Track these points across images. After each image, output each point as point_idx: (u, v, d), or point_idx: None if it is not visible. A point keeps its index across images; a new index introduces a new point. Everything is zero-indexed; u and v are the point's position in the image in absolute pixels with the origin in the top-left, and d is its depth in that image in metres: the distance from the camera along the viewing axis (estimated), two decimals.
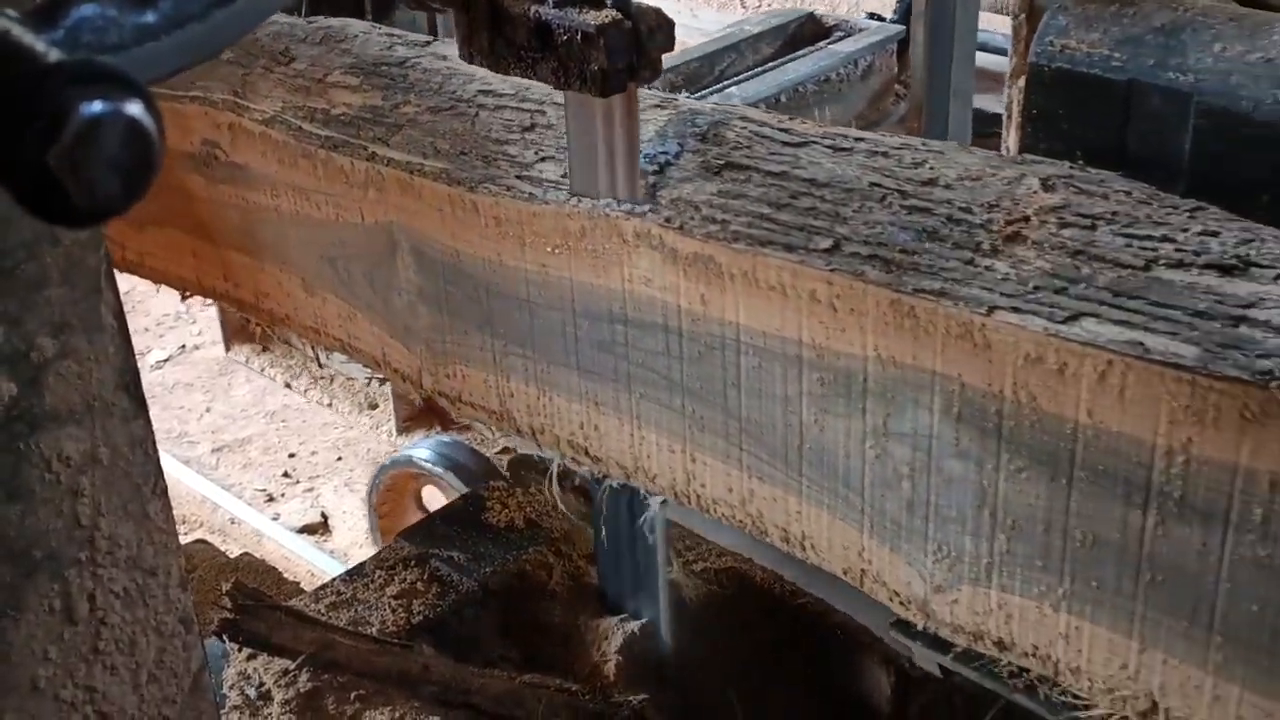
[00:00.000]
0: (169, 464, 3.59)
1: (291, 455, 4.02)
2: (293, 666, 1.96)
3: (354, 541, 3.64)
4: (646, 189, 1.39)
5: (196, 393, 4.27)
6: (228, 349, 4.11)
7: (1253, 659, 1.18)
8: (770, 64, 2.91)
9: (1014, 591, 1.33)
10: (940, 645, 1.49)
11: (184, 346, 4.48)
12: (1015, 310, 1.20)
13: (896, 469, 1.36)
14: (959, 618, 1.38)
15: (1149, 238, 1.24)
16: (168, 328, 4.41)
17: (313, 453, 4.03)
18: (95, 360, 1.00)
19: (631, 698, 2.02)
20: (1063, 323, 1.18)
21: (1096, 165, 1.41)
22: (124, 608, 1.07)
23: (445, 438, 2.81)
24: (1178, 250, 1.22)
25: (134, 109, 0.56)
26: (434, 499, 2.76)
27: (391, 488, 2.82)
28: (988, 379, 1.24)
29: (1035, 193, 1.32)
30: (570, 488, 2.36)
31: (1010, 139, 1.73)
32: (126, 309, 1.04)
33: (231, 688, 1.95)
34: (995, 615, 1.35)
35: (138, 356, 1.08)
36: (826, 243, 1.32)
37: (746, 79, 2.82)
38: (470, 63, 1.48)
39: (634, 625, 2.09)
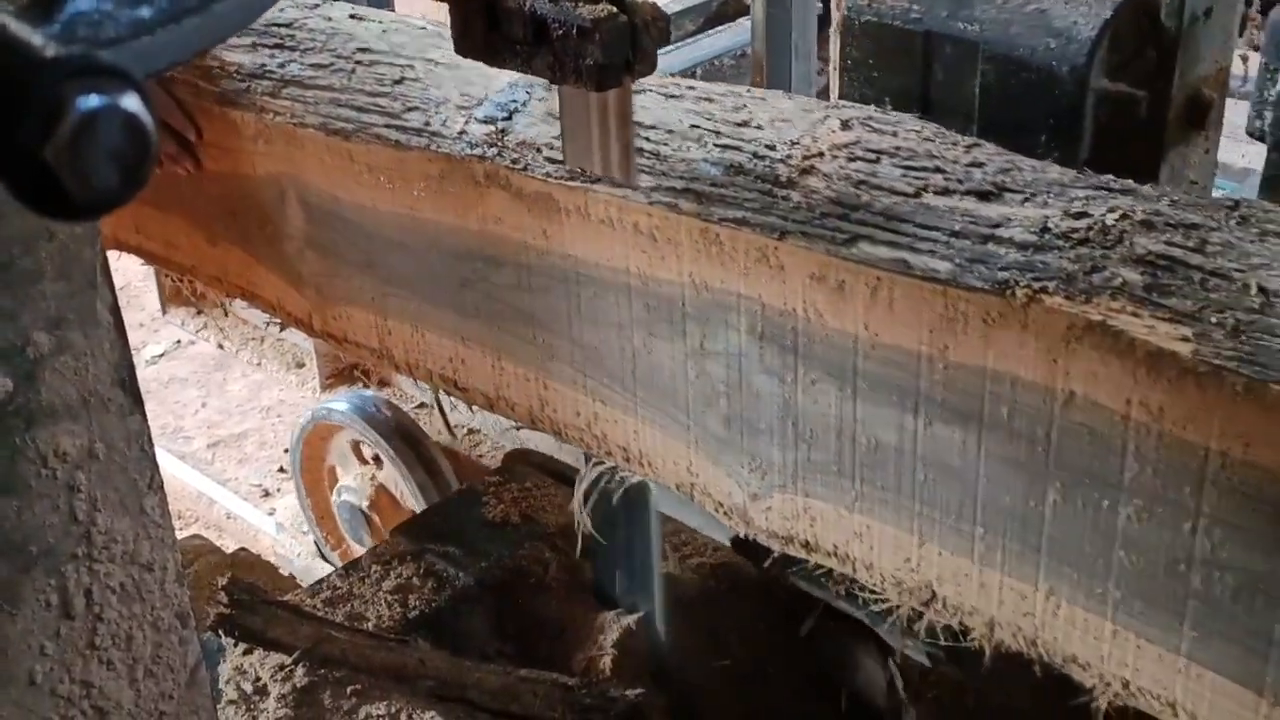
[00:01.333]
0: (165, 459, 3.59)
1: (287, 450, 4.02)
2: (289, 661, 1.96)
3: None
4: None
5: (192, 388, 4.26)
6: (164, 312, 4.12)
7: (1009, 547, 1.31)
8: (688, 39, 2.89)
9: (816, 496, 1.45)
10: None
11: (179, 342, 4.48)
12: (803, 235, 1.33)
13: (714, 387, 1.48)
14: (773, 524, 1.51)
15: (923, 169, 1.37)
16: (164, 322, 4.40)
17: None
18: (91, 355, 1.00)
19: (627, 692, 2.02)
20: (842, 245, 1.31)
21: (902, 110, 1.53)
22: (120, 603, 1.07)
23: (366, 392, 2.87)
24: (945, 179, 1.35)
25: (130, 103, 0.56)
26: (351, 451, 2.83)
27: (311, 441, 2.87)
28: (783, 299, 1.37)
29: (833, 131, 1.45)
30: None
31: (833, 87, 1.85)
32: (122, 304, 1.04)
33: (228, 683, 1.95)
34: (802, 519, 1.48)
35: (133, 351, 1.08)
36: (645, 179, 1.44)
37: (664, 53, 2.78)
38: (465, 57, 1.49)
39: (629, 619, 2.09)
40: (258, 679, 1.95)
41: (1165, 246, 1.21)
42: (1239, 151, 3.49)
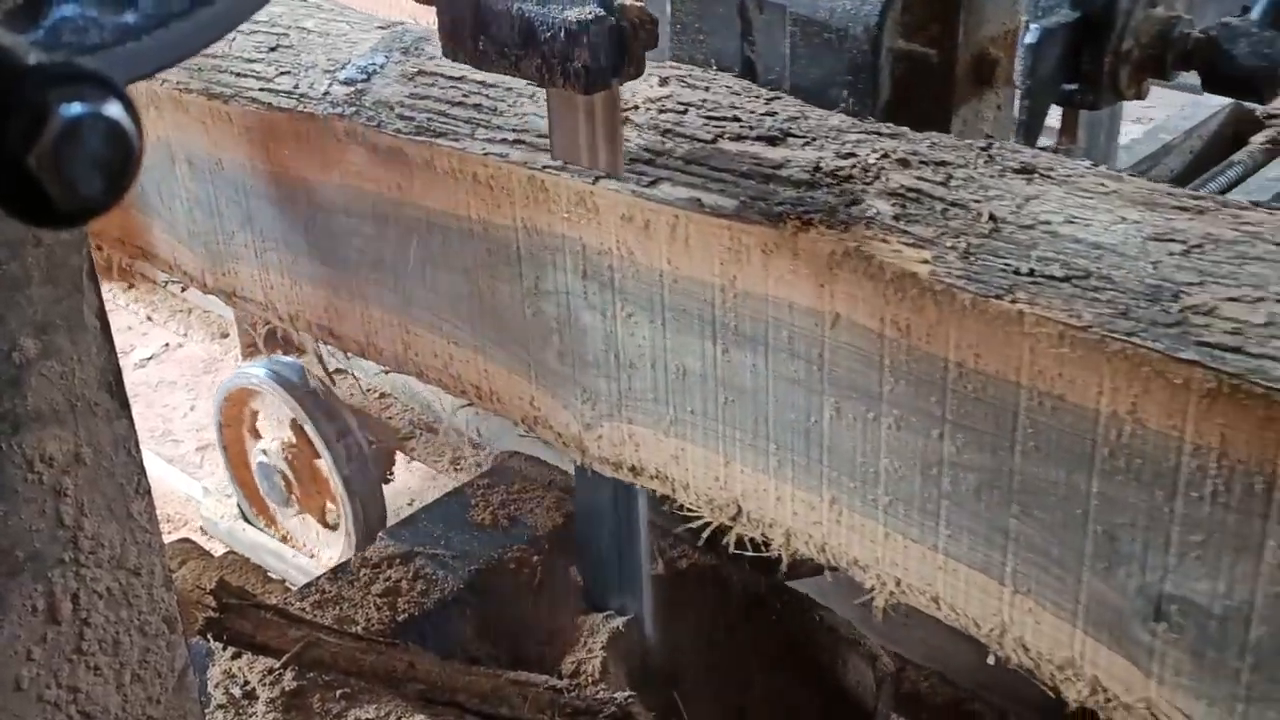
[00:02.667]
0: (153, 463, 3.58)
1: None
2: (278, 665, 1.95)
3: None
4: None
5: (180, 391, 4.25)
6: None
7: (796, 461, 1.44)
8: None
9: (637, 423, 1.58)
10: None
11: (167, 345, 4.46)
12: (614, 178, 1.47)
13: (548, 324, 1.62)
14: (604, 451, 1.65)
15: (723, 118, 1.51)
16: (152, 325, 4.39)
17: None
18: (78, 360, 1.00)
19: (616, 694, 2.02)
20: (646, 187, 1.44)
21: (727, 71, 1.70)
22: (108, 608, 1.06)
23: (282, 358, 2.97)
24: (740, 127, 1.50)
25: (113, 110, 0.56)
26: (267, 415, 2.93)
27: (230, 406, 2.97)
28: (600, 239, 1.51)
29: (651, 87, 1.59)
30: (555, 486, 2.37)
31: (666, 49, 1.97)
32: (109, 308, 1.03)
33: (216, 686, 1.95)
34: (628, 445, 1.61)
35: (120, 355, 1.07)
36: (484, 132, 1.59)
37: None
38: (454, 60, 1.49)
39: (618, 622, 2.09)
40: (246, 683, 1.95)
41: (916, 181, 1.37)
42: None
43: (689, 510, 1.58)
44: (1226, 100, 2.65)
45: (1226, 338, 1.11)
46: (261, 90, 1.83)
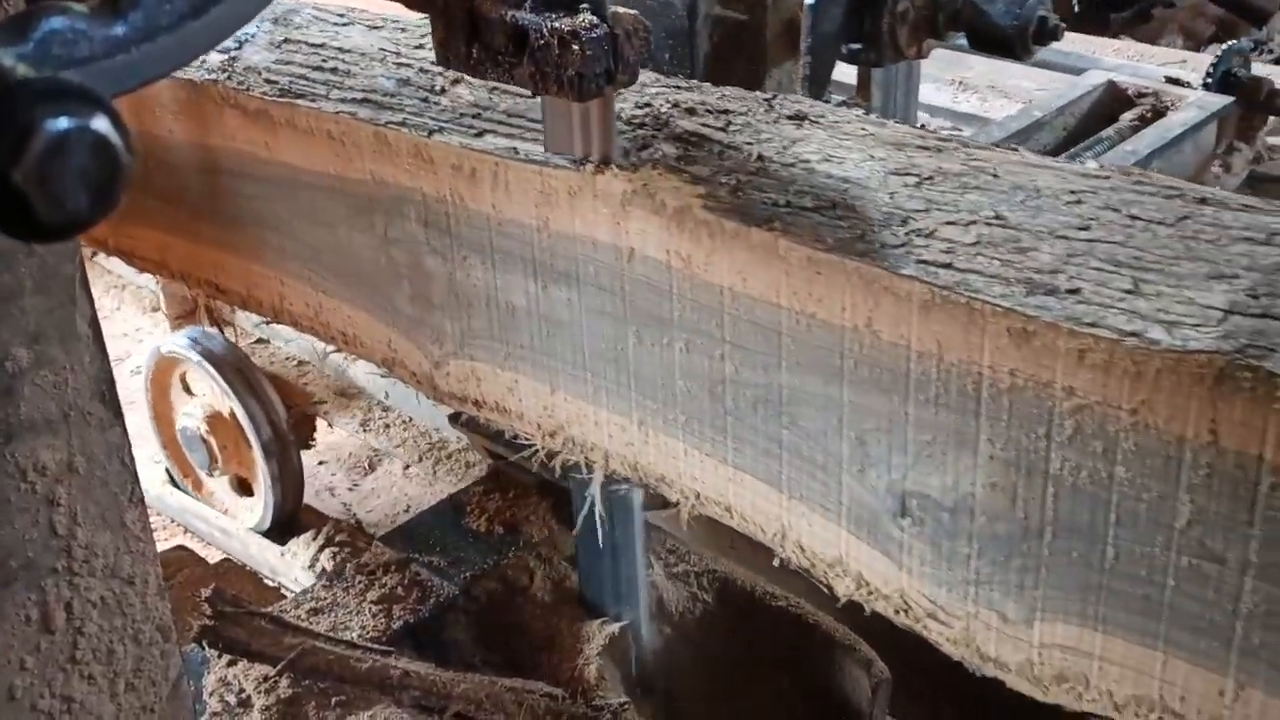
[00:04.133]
0: (147, 471, 3.58)
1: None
2: (273, 673, 1.95)
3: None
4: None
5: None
6: None
7: (609, 387, 1.58)
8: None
9: (478, 359, 1.70)
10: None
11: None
12: (443, 131, 1.58)
13: (399, 270, 1.73)
14: (452, 387, 1.77)
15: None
16: (146, 333, 4.38)
17: None
18: (71, 369, 1.00)
19: (612, 701, 2.02)
20: (473, 138, 1.56)
21: None
22: (101, 616, 1.07)
23: (206, 329, 3.13)
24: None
25: (100, 124, 0.56)
26: (191, 383, 3.07)
27: (156, 375, 3.10)
28: (435, 187, 1.62)
29: None
30: (547, 488, 2.37)
31: None
32: (101, 317, 1.04)
33: (212, 694, 1.95)
34: (471, 380, 1.74)
35: (115, 362, 1.07)
36: (337, 93, 1.70)
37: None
38: (446, 67, 1.49)
39: (614, 628, 2.09)
40: (242, 690, 1.95)
41: (699, 126, 1.52)
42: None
43: (523, 438, 1.74)
44: (1102, 79, 2.83)
45: (940, 255, 1.26)
46: None
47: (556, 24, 1.38)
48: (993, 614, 1.34)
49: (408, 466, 3.42)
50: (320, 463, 3.52)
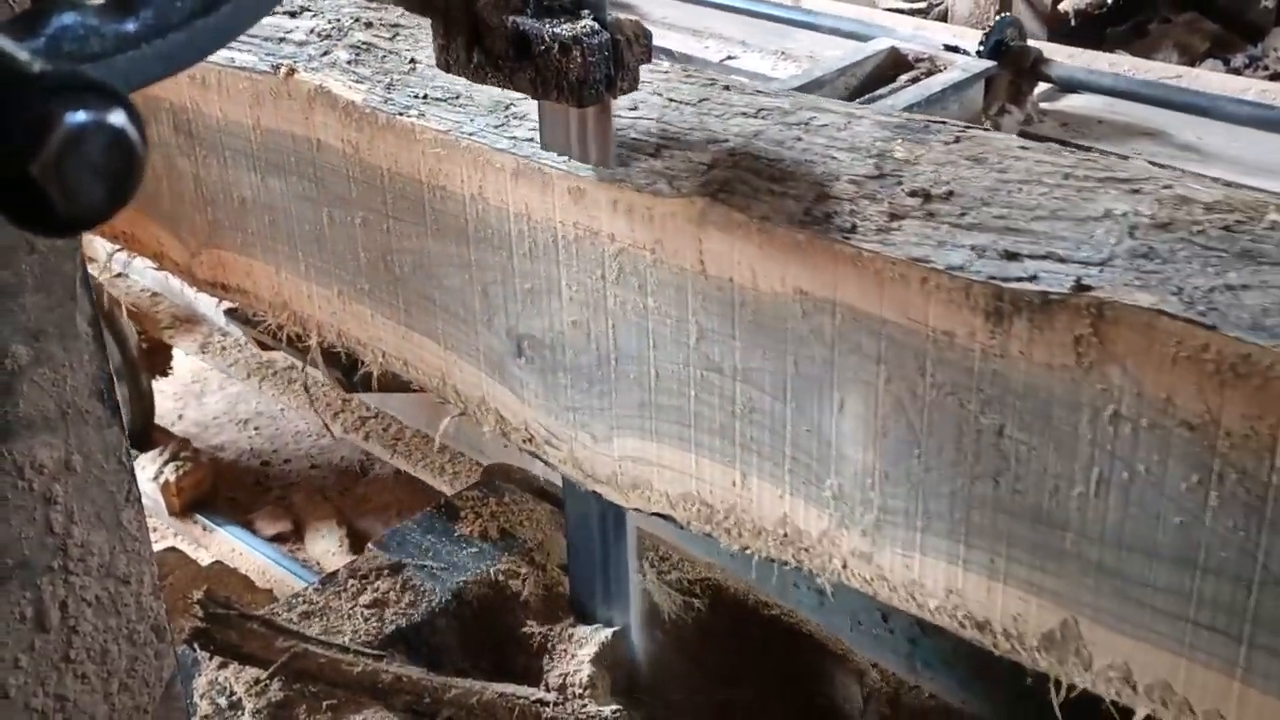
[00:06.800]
0: (142, 471, 3.57)
1: (264, 464, 4.01)
2: (264, 676, 1.95)
3: (326, 550, 3.62)
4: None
5: (169, 400, 4.24)
6: None
7: (314, 263, 1.84)
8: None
9: (224, 247, 1.97)
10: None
11: None
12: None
13: (157, 172, 1.98)
14: (205, 274, 2.05)
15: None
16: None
17: (285, 461, 4.01)
18: (70, 367, 1.00)
19: (604, 707, 2.02)
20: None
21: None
22: (96, 616, 1.06)
23: None
24: (280, 9, 1.87)
25: (117, 118, 0.56)
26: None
27: None
28: (179, 97, 1.91)
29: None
30: (541, 493, 2.37)
31: None
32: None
33: (203, 697, 1.94)
34: (218, 267, 1.99)
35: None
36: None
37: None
38: (447, 72, 1.49)
39: (606, 634, 2.09)
40: (233, 693, 1.94)
41: (372, 37, 1.80)
42: None
43: (258, 317, 2.01)
44: (886, 45, 3.07)
45: (531, 133, 1.53)
46: None
47: (558, 30, 1.39)
48: (586, 435, 1.61)
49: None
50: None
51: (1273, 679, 1.14)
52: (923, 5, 3.28)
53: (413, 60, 1.74)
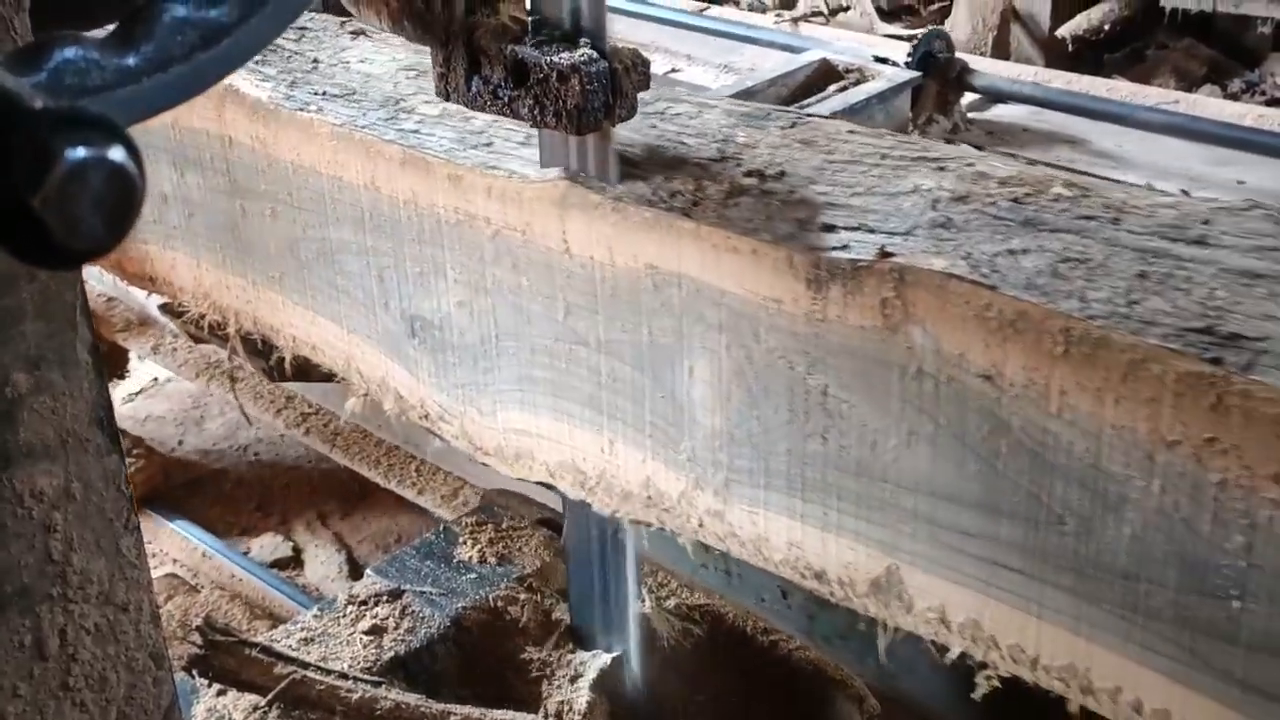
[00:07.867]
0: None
1: (265, 488, 4.00)
2: (263, 703, 1.95)
3: (325, 575, 3.62)
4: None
5: (169, 426, 4.24)
6: None
7: (229, 253, 1.97)
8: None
9: (149, 243, 2.11)
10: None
11: (156, 379, 4.46)
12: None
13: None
14: (134, 269, 2.17)
15: None
16: (140, 360, 4.38)
17: (285, 486, 4.01)
18: (69, 395, 1.00)
19: None
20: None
21: None
22: (95, 644, 1.06)
23: None
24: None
25: (117, 154, 0.57)
26: None
27: None
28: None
29: None
30: (540, 522, 2.36)
31: None
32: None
33: None
34: (146, 261, 2.14)
35: (110, 388, 1.08)
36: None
37: None
38: (447, 100, 1.50)
39: (605, 660, 2.09)
40: None
41: (279, 39, 1.83)
42: None
43: (182, 308, 2.14)
44: (818, 56, 3.16)
45: (417, 125, 1.65)
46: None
47: (556, 58, 1.40)
48: (474, 409, 1.68)
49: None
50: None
51: (1064, 613, 1.23)
52: (920, 32, 3.34)
53: (315, 60, 1.86)
